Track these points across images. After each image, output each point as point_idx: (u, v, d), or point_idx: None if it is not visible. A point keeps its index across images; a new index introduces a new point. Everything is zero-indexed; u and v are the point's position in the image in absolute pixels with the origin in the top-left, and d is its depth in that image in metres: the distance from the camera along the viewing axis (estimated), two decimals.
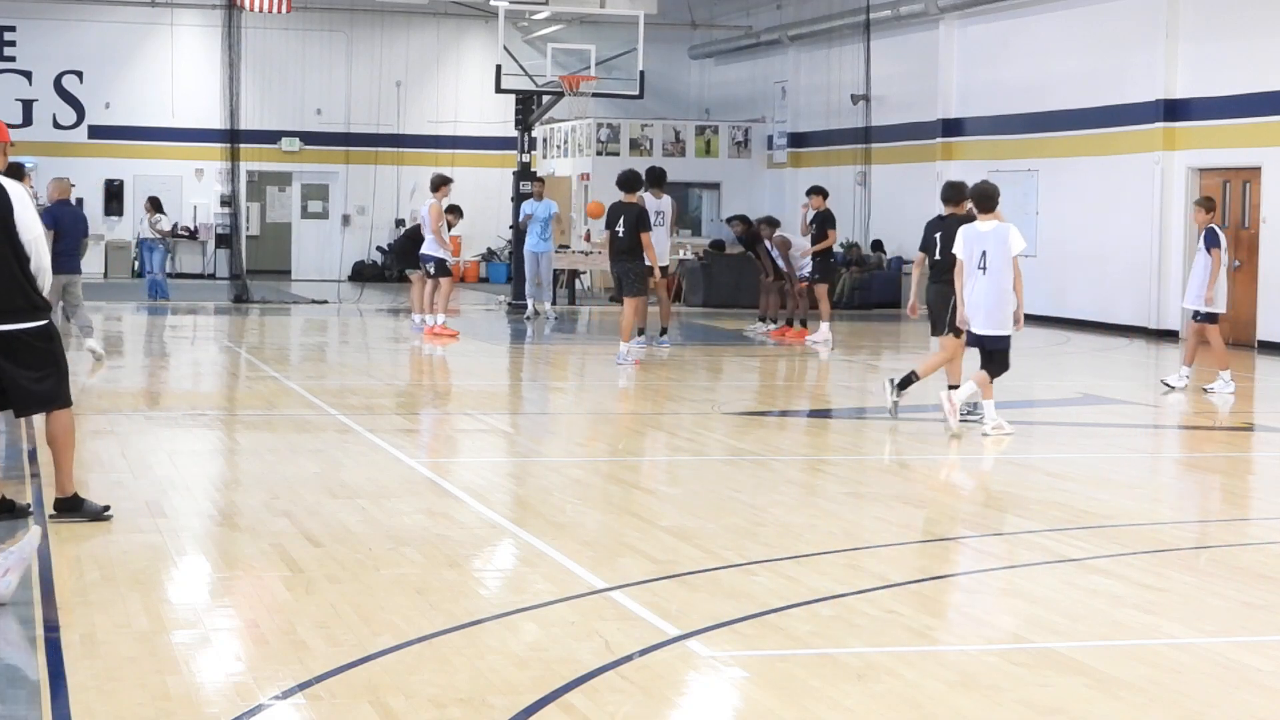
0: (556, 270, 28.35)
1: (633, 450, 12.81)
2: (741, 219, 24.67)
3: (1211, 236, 16.70)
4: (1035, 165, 27.10)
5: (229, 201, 32.30)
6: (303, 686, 5.93)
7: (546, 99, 29.04)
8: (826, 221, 22.10)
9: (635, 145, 34.78)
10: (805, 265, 22.65)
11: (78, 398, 14.47)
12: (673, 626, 6.86)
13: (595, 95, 29.29)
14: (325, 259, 36.40)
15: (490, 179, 37.03)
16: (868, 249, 31.55)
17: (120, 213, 36.84)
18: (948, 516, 9.93)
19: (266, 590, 7.48)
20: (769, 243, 23.29)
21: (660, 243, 20.15)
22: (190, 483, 10.47)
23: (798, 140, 35.08)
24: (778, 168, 35.59)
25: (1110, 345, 23.08)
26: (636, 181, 18.99)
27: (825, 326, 22.31)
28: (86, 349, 17.66)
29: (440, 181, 22.88)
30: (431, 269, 22.77)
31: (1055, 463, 12.43)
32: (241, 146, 30.29)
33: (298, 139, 37.53)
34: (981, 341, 13.34)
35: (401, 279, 27.73)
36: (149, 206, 29.66)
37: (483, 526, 9.21)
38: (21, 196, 8.59)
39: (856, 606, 7.36)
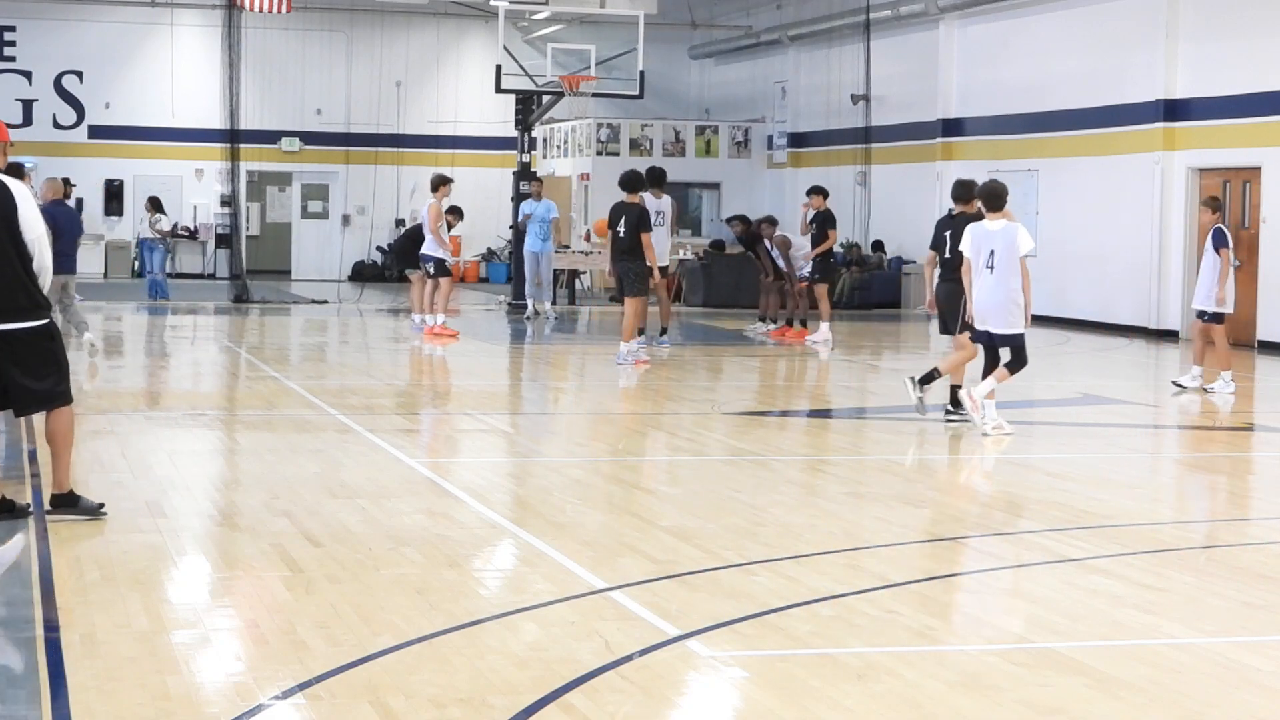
0: (556, 270, 28.35)
1: (633, 450, 12.81)
2: (741, 219, 24.65)
3: (1220, 236, 16.66)
4: (1035, 165, 27.10)
5: (229, 201, 32.29)
6: (303, 686, 5.93)
7: (546, 99, 29.04)
8: (827, 221, 22.09)
9: (635, 145, 34.77)
10: (805, 265, 22.65)
11: (79, 398, 14.54)
12: (673, 626, 6.86)
13: (595, 95, 29.30)
14: (325, 259, 36.40)
15: (490, 179, 37.02)
16: (868, 249, 31.55)
17: (120, 213, 36.84)
18: (948, 516, 9.93)
19: (266, 590, 7.48)
20: (769, 242, 23.29)
21: (660, 243, 20.14)
22: (190, 483, 10.47)
23: (798, 140, 35.07)
24: (778, 168, 35.59)
25: (1110, 345, 23.08)
26: (639, 182, 18.99)
27: (825, 326, 22.31)
28: (86, 343, 17.65)
29: (440, 181, 22.88)
30: (431, 269, 22.77)
31: (1055, 463, 12.43)
32: (241, 146, 30.28)
33: (298, 139, 37.53)
34: (991, 340, 13.35)
35: (401, 279, 27.73)
36: (149, 206, 29.67)
37: (483, 526, 9.21)
38: (25, 195, 8.64)
39: (856, 606, 7.36)
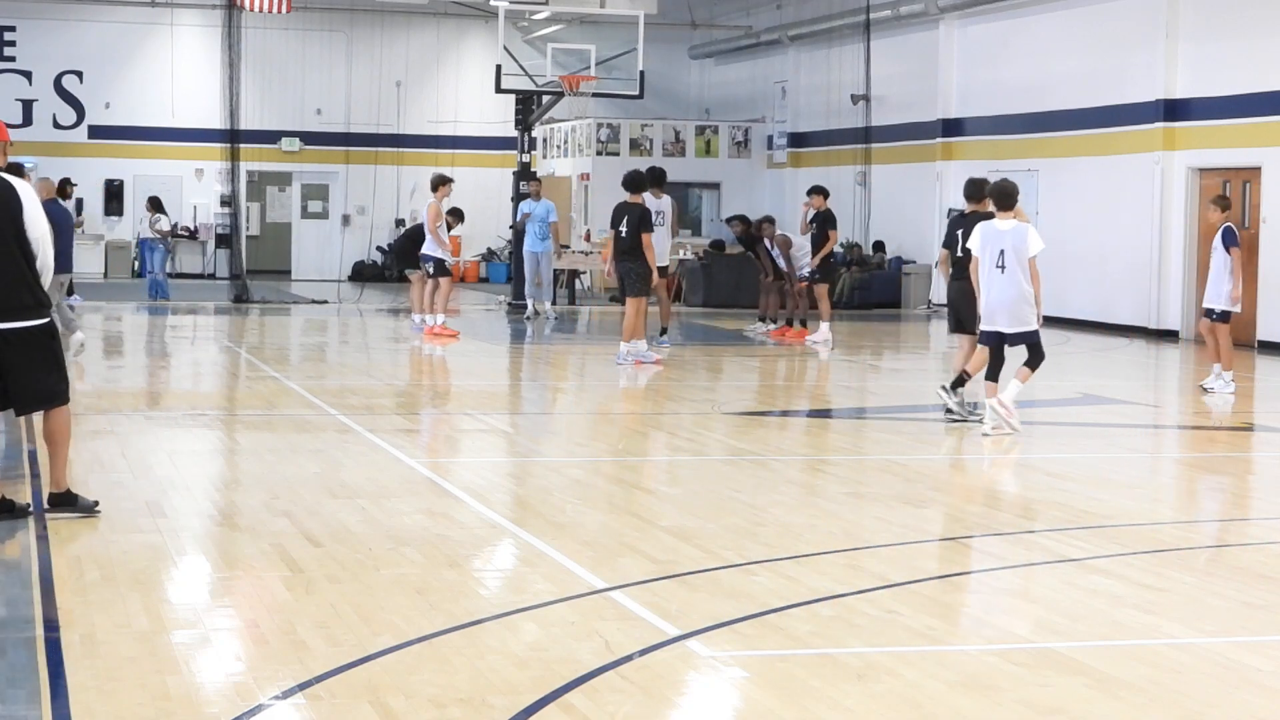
0: (556, 270, 28.34)
1: (633, 450, 12.81)
2: (741, 219, 24.64)
3: (1230, 235, 16.61)
4: (1035, 165, 27.10)
5: (229, 201, 32.28)
6: (303, 686, 5.93)
7: (546, 99, 29.04)
8: (827, 222, 22.08)
9: (635, 145, 34.76)
10: (805, 265, 22.65)
11: (79, 398, 14.54)
12: (673, 626, 6.86)
13: (595, 95, 29.30)
14: (325, 259, 36.39)
15: (490, 179, 37.02)
16: (869, 249, 31.55)
17: (120, 213, 36.83)
18: (948, 516, 9.93)
19: (266, 590, 7.48)
20: (769, 241, 23.29)
21: (660, 243, 20.14)
22: (190, 483, 10.47)
23: (798, 140, 35.07)
24: (778, 168, 35.58)
25: (1110, 345, 23.08)
26: (641, 182, 18.99)
27: (825, 326, 22.31)
28: (76, 343, 17.61)
29: (440, 181, 22.87)
30: (431, 269, 22.76)
31: (1055, 463, 12.43)
32: (241, 146, 30.27)
33: (298, 139, 37.52)
34: (1002, 340, 13.34)
35: (401, 279, 27.73)
36: (149, 207, 29.66)
37: (483, 526, 9.21)
38: (30, 195, 8.74)
39: (856, 606, 7.35)
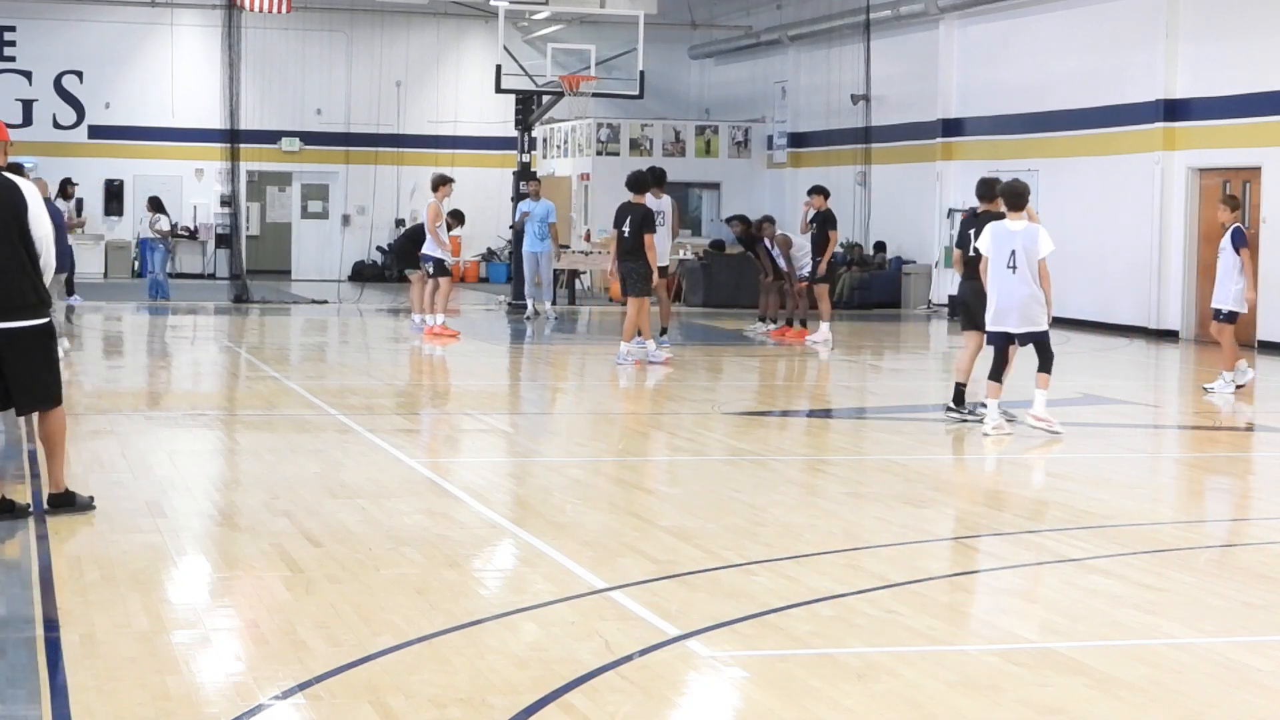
0: (556, 270, 28.34)
1: (633, 450, 12.81)
2: (741, 219, 24.63)
3: (1239, 236, 16.57)
4: (1035, 165, 27.08)
5: (229, 201, 32.27)
6: (303, 686, 5.93)
7: (546, 99, 29.04)
8: (828, 222, 22.07)
9: (635, 145, 34.76)
10: (805, 265, 22.64)
11: (79, 398, 14.55)
12: (673, 626, 6.86)
13: (595, 95, 29.31)
14: (325, 259, 36.40)
15: (490, 179, 37.02)
16: (870, 250, 31.54)
17: (120, 213, 36.83)
18: (948, 516, 9.93)
19: (266, 590, 7.48)
20: (769, 241, 23.28)
21: (660, 243, 20.14)
22: (190, 483, 10.47)
23: (798, 140, 35.07)
24: (778, 168, 35.58)
25: (1110, 345, 23.07)
26: (645, 183, 18.99)
27: (825, 326, 22.31)
28: (63, 348, 17.61)
29: (440, 181, 22.87)
30: (431, 269, 22.76)
31: (1055, 463, 12.43)
32: (241, 146, 30.26)
33: (298, 139, 37.53)
34: (1009, 340, 13.33)
35: (401, 279, 27.73)
36: (150, 207, 29.64)
37: (483, 526, 9.21)
38: (35, 194, 8.83)
39: (856, 606, 7.35)
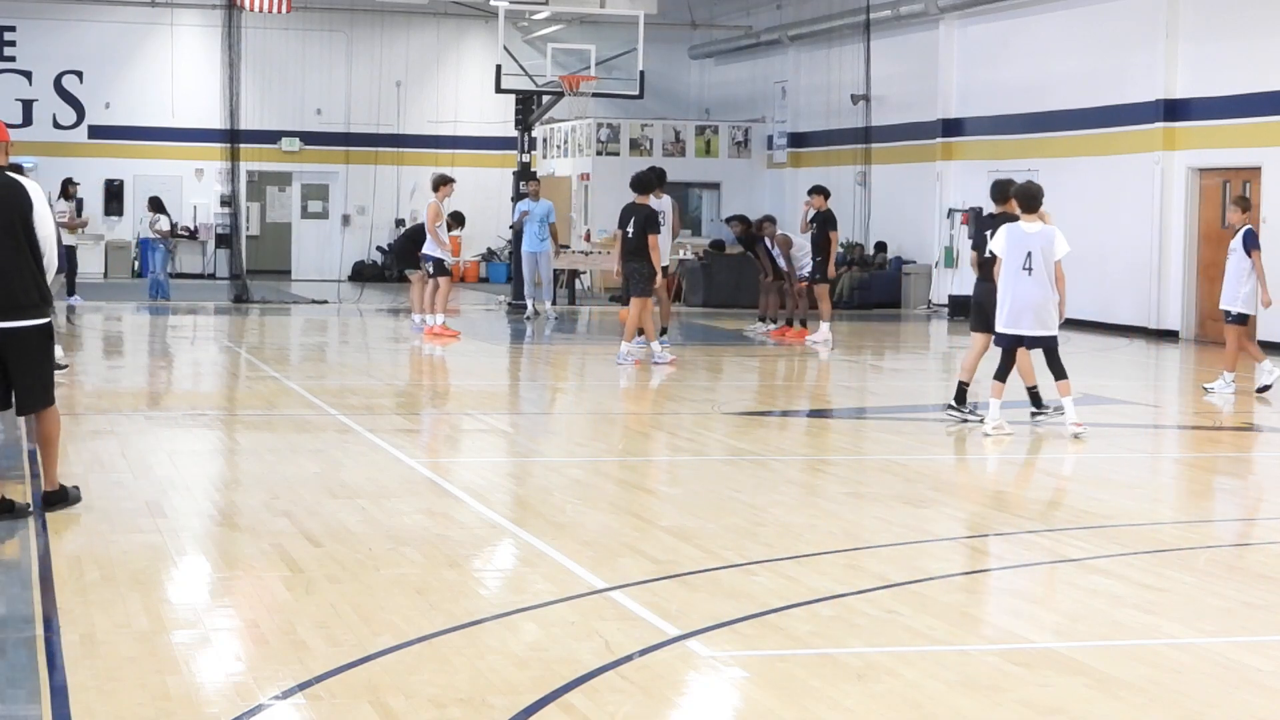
0: (556, 270, 28.33)
1: (633, 450, 12.82)
2: (741, 219, 24.62)
3: (1251, 238, 16.50)
4: (1035, 165, 27.06)
5: (229, 201, 32.27)
6: (303, 686, 5.93)
7: (546, 99, 29.04)
8: (828, 222, 22.06)
9: (635, 145, 34.76)
10: (805, 265, 22.64)
11: (79, 398, 14.56)
12: (673, 626, 6.86)
13: (595, 95, 29.30)
14: (325, 259, 36.40)
15: (490, 179, 37.03)
16: (870, 250, 31.54)
17: (120, 213, 36.84)
18: (948, 516, 9.93)
19: (266, 590, 7.48)
20: (770, 241, 23.27)
21: (661, 243, 20.12)
22: (190, 483, 10.47)
23: (798, 140, 35.07)
24: (778, 168, 35.58)
25: (1110, 345, 23.07)
26: (650, 183, 18.98)
27: (825, 326, 22.31)
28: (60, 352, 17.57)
29: (441, 181, 22.86)
30: (430, 269, 22.76)
31: (1055, 463, 12.43)
32: (241, 146, 30.26)
33: (298, 139, 37.53)
34: (1018, 343, 13.33)
35: (401, 279, 27.73)
36: (150, 207, 29.63)
37: (483, 526, 9.21)
38: (40, 195, 8.88)
39: (856, 606, 7.35)
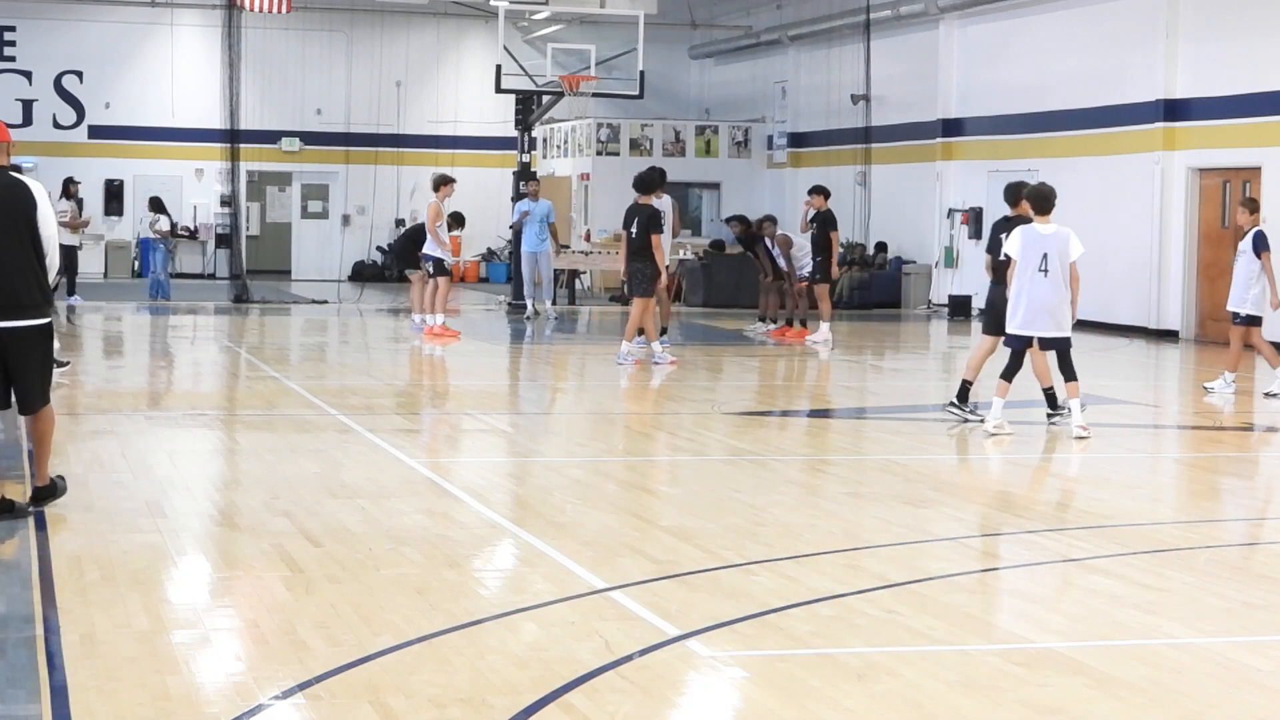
0: (556, 270, 28.32)
1: (633, 450, 12.82)
2: (740, 219, 24.61)
3: (1261, 239, 16.46)
4: (1035, 165, 27.07)
5: (229, 201, 32.27)
6: (303, 686, 5.93)
7: (546, 99, 29.05)
8: (828, 223, 22.05)
9: (635, 145, 34.76)
10: (805, 265, 22.63)
11: (79, 398, 14.56)
12: (673, 626, 6.86)
13: (595, 95, 29.31)
14: (325, 259, 36.40)
15: (490, 179, 37.03)
16: (871, 250, 31.53)
17: (120, 213, 36.83)
18: (948, 516, 9.92)
19: (266, 590, 7.48)
20: (770, 240, 23.27)
21: (661, 243, 20.12)
22: (190, 483, 10.47)
23: (798, 140, 35.07)
24: (778, 168, 35.58)
25: (1110, 345, 23.07)
26: (652, 183, 18.99)
27: (825, 326, 22.31)
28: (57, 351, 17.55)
29: (441, 181, 22.85)
30: (430, 268, 22.76)
31: (1055, 463, 12.43)
32: (241, 146, 30.26)
33: (298, 139, 37.53)
34: (1028, 345, 13.32)
35: (401, 279, 27.74)
36: (151, 207, 29.61)
37: (483, 526, 9.21)
38: (43, 195, 8.93)
39: (856, 606, 7.35)
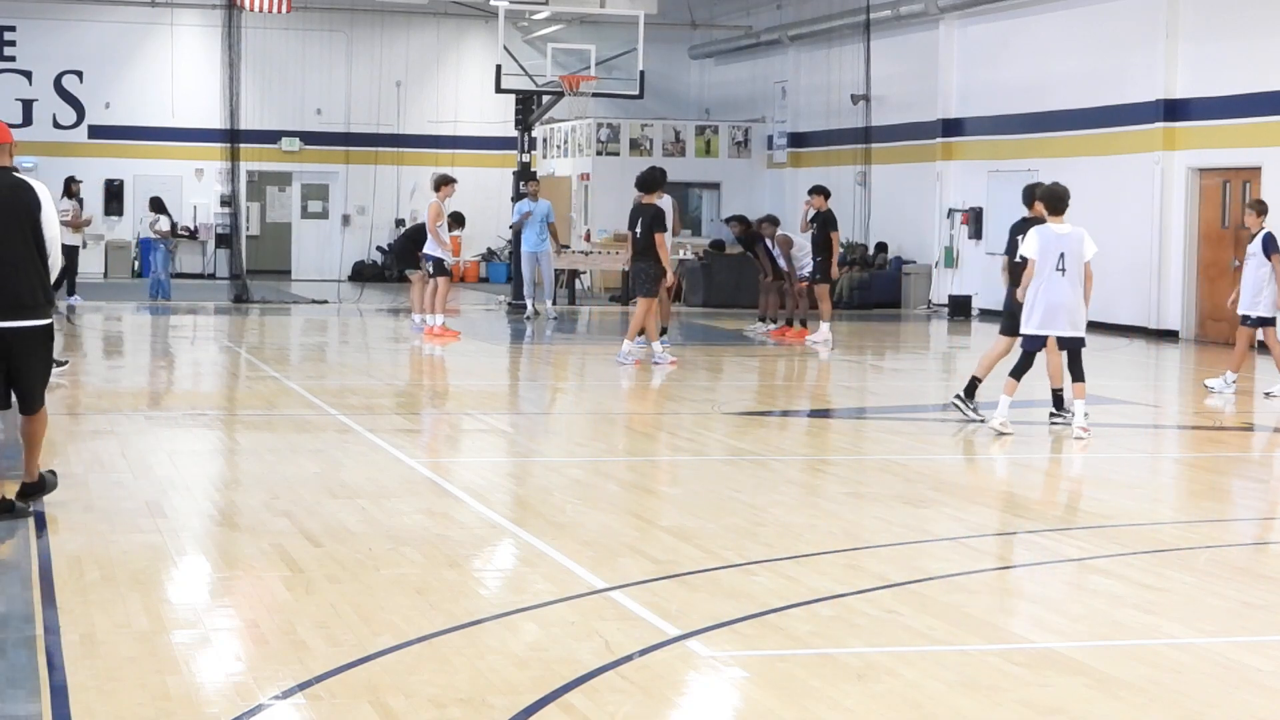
0: (556, 270, 28.31)
1: (633, 450, 12.81)
2: (740, 219, 24.61)
3: (1271, 241, 16.43)
4: (1035, 165, 27.08)
5: (229, 201, 32.27)
6: (303, 686, 5.93)
7: (546, 99, 29.05)
8: (828, 223, 22.05)
9: (635, 145, 34.76)
10: (806, 265, 22.63)
11: (79, 398, 14.57)
12: (673, 626, 6.86)
13: (595, 95, 29.31)
14: (325, 259, 36.40)
15: (490, 179, 37.03)
16: (871, 250, 31.53)
17: (120, 213, 36.83)
18: (948, 516, 9.92)
19: (266, 590, 7.48)
20: (770, 241, 23.26)
21: None
22: (190, 483, 10.47)
23: (798, 140, 35.07)
24: (778, 168, 35.58)
25: (1110, 345, 23.06)
26: (655, 182, 18.99)
27: (825, 326, 22.31)
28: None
29: (442, 181, 22.84)
30: (430, 268, 22.76)
31: (1055, 463, 12.43)
32: (241, 146, 30.25)
33: (298, 139, 37.53)
34: (1043, 345, 13.32)
35: (401, 279, 27.74)
36: (151, 207, 29.60)
37: (483, 526, 9.21)
38: (48, 195, 8.96)
39: (856, 606, 7.35)
